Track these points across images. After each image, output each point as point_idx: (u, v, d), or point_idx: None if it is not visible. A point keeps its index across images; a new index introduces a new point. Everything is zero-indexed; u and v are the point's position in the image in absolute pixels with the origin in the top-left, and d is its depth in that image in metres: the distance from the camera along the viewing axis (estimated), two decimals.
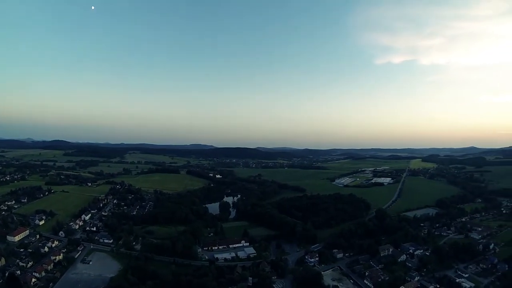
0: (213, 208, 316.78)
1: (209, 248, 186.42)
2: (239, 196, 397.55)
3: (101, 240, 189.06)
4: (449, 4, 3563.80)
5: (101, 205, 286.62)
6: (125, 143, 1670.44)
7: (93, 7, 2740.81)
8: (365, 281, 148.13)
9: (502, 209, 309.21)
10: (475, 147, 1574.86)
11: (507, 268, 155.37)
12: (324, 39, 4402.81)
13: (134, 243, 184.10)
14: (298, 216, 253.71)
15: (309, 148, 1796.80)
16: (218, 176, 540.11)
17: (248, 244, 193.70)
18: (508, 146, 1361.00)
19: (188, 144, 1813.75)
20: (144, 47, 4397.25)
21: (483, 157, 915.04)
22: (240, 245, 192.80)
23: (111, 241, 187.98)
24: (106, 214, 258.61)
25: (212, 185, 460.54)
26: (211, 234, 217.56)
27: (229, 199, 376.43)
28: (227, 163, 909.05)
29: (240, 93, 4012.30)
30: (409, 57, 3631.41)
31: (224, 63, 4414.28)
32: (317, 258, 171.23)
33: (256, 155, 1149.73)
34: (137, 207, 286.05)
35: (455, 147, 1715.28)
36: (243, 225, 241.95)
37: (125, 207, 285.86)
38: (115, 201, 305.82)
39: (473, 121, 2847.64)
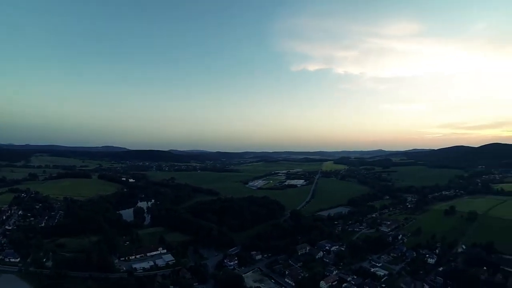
0: (127, 214, 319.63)
1: (126, 258, 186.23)
2: (153, 200, 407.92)
3: (7, 260, 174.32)
4: (364, 22, 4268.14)
5: (4, 217, 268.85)
6: (31, 144, 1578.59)
7: None
8: (286, 279, 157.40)
9: (407, 204, 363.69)
10: (382, 150, 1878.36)
11: (414, 255, 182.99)
12: (243, 43, 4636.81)
13: (44, 259, 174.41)
14: (213, 220, 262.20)
15: (222, 150, 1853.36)
16: (131, 180, 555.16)
17: (165, 251, 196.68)
18: (411, 149, 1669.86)
19: (100, 146, 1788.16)
20: (45, 38, 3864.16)
21: (390, 159, 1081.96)
22: (157, 252, 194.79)
23: (18, 259, 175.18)
24: (10, 228, 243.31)
25: (125, 190, 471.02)
26: (127, 242, 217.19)
27: (143, 204, 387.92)
28: (140, 166, 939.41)
29: (153, 94, 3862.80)
30: (325, 65, 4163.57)
31: (135, 63, 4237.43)
32: (236, 261, 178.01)
33: (169, 157, 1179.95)
34: (46, 217, 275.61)
35: (364, 150, 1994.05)
36: (159, 231, 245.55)
37: (32, 219, 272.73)
38: (20, 212, 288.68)
39: (381, 126, 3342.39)
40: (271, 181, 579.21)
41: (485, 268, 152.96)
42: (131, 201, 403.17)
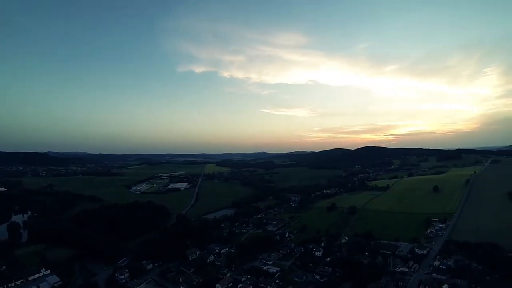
0: (0, 231, 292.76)
1: (5, 286, 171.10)
2: (29, 213, 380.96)
3: None
4: (254, 29, 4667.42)
5: None
6: None
7: None
8: (181, 287, 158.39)
9: (291, 203, 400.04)
10: (265, 152, 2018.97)
11: (302, 250, 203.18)
12: (129, 39, 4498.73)
13: None
14: (99, 230, 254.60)
15: (104, 153, 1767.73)
16: (2, 188, 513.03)
17: (49, 272, 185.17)
18: (293, 151, 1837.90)
19: None
20: None
21: (273, 161, 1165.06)
22: (40, 275, 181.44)
23: None
24: None
25: None
26: (3, 267, 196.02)
27: (18, 218, 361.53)
28: (12, 171, 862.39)
29: (27, 88, 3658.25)
30: (211, 68, 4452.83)
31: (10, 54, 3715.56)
32: (127, 274, 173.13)
33: (47, 161, 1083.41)
34: None
35: (247, 152, 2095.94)
36: (39, 249, 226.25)
37: None
38: None
39: (264, 130, 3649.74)
40: (155, 185, 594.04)
41: (366, 253, 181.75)
42: (4, 215, 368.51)
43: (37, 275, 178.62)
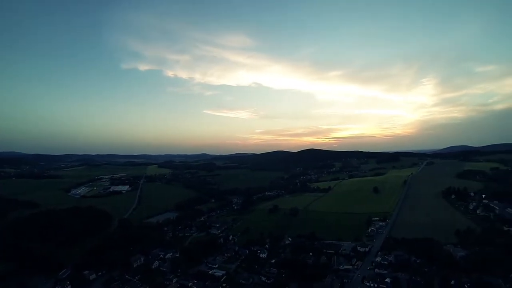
0: None
1: None
2: None
3: None
4: (202, 29, 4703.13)
5: None
6: None
7: None
8: None
9: (234, 205, 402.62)
10: (206, 154, 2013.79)
11: (247, 252, 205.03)
12: (70, 33, 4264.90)
13: None
14: (37, 238, 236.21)
15: (41, 153, 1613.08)
16: None
17: None
18: (234, 153, 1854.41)
19: None
20: None
21: (214, 163, 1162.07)
22: None
23: None
24: None
25: None
26: None
27: None
28: None
29: None
30: (156, 66, 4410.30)
31: None
32: (69, 286, 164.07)
33: None
34: None
35: (189, 154, 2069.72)
36: None
37: None
38: None
39: (205, 131, 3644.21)
40: (95, 188, 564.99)
41: (311, 253, 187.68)
42: None
43: None
